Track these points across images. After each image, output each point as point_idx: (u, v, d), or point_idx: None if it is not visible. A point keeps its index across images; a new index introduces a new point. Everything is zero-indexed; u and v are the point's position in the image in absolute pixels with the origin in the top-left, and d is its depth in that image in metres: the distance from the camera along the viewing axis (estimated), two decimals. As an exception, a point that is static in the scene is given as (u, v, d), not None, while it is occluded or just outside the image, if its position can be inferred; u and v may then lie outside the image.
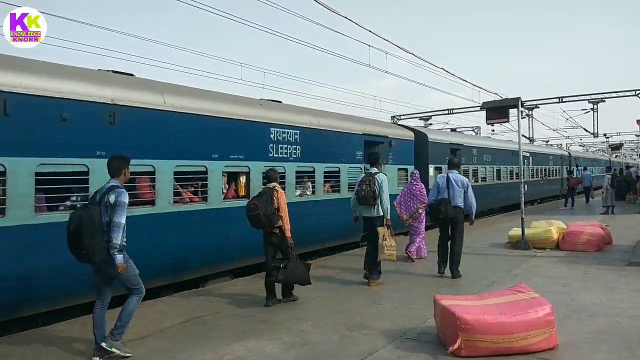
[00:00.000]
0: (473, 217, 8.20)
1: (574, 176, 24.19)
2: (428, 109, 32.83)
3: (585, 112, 31.39)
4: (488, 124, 13.16)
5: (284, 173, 9.08)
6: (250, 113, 8.80)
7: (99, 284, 4.80)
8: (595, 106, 30.36)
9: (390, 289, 7.22)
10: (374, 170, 7.61)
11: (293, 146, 9.61)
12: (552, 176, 28.44)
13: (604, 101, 29.45)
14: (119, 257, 4.54)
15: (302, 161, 9.82)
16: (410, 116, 32.99)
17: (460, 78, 18.55)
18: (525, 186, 20.70)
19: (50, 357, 4.78)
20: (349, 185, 10.88)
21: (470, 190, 8.00)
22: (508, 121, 11.77)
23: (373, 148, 11.84)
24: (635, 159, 65.70)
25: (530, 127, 34.69)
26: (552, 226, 10.87)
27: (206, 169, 7.82)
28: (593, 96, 29.25)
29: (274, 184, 6.63)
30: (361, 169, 10.93)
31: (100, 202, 4.62)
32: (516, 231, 10.89)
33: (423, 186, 9.67)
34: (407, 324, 5.46)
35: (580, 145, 54.55)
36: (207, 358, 4.63)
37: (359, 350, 4.70)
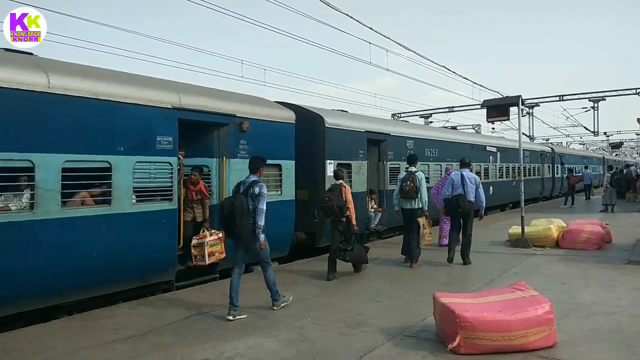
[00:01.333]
0: (482, 212, 9.21)
1: (574, 175, 24.22)
2: (429, 107, 32.86)
3: (586, 111, 31.39)
4: (488, 122, 13.16)
5: None
6: None
7: (239, 257, 6.07)
8: (595, 104, 30.37)
9: (389, 287, 7.24)
10: (413, 168, 8.86)
11: None
12: (529, 175, 23.84)
13: (605, 99, 29.49)
14: (262, 236, 5.86)
15: None
16: (411, 114, 33.06)
17: (461, 76, 18.55)
18: (491, 188, 18.44)
19: (50, 352, 4.80)
20: (136, 190, 6.73)
21: (480, 187, 9.00)
22: (508, 119, 11.82)
23: (204, 131, 8.23)
24: (635, 158, 65.67)
25: (531, 126, 34.75)
26: (551, 224, 10.89)
27: None
28: (594, 94, 29.28)
29: (340, 181, 7.91)
30: (171, 163, 7.20)
31: (246, 193, 5.89)
32: (516, 229, 10.90)
33: None
34: (406, 321, 5.48)
35: (581, 144, 54.53)
36: (207, 354, 4.64)
37: (359, 347, 4.71)
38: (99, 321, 5.77)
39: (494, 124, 28.54)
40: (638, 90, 25.43)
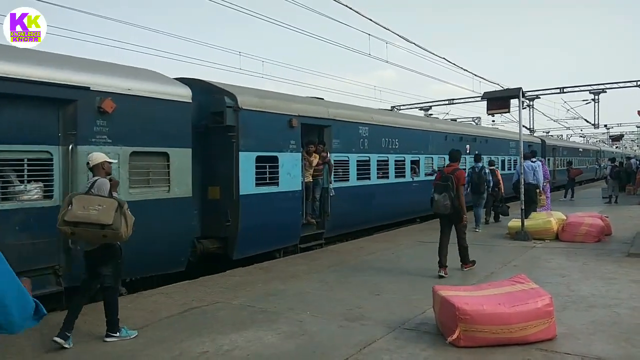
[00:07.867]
0: (540, 189, 12.60)
1: (574, 167, 24.19)
2: (429, 100, 32.82)
3: (587, 103, 31.32)
4: (489, 114, 13.14)
5: None
6: None
7: (475, 204, 12.01)
8: (596, 97, 30.29)
9: (389, 280, 7.22)
10: (533, 159, 12.84)
11: None
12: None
13: (605, 92, 29.41)
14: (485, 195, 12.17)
15: None
16: (411, 106, 32.98)
17: (461, 68, 18.47)
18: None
19: (49, 345, 4.78)
20: None
21: (538, 171, 12.39)
22: (509, 111, 11.74)
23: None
24: (635, 150, 65.61)
25: (531, 118, 34.65)
26: (551, 217, 10.85)
27: None
28: (594, 87, 29.20)
29: (492, 167, 13.38)
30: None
31: (477, 172, 11.74)
32: (516, 222, 10.88)
33: (547, 169, 15.14)
34: (406, 314, 5.47)
35: (581, 136, 54.44)
36: (206, 348, 4.63)
37: (358, 341, 4.70)
38: (97, 315, 5.74)
39: (494, 116, 28.52)
40: (639, 83, 25.34)
